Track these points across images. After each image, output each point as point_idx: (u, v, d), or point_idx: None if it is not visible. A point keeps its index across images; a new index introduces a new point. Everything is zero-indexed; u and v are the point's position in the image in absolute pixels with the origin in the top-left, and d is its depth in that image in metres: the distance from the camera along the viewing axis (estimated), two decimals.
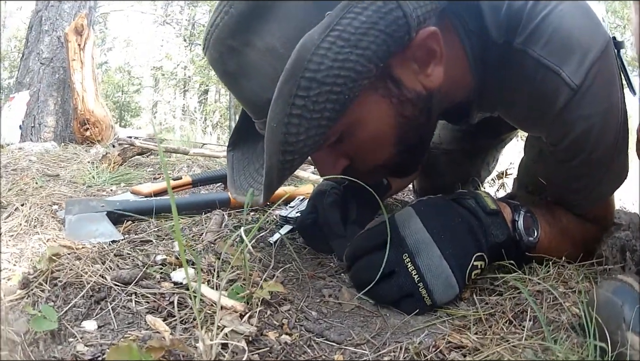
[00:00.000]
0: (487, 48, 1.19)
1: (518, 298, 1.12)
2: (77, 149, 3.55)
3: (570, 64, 1.11)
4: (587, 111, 1.15)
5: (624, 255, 1.28)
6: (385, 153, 1.22)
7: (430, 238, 1.14)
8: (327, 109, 0.98)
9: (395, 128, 1.16)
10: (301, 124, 0.98)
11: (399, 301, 1.14)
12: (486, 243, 1.19)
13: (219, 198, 1.76)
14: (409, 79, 1.12)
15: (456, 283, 1.13)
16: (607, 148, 1.21)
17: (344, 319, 1.10)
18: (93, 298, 0.98)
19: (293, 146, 1.00)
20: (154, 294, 1.02)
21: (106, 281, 1.04)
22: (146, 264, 1.15)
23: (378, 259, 1.13)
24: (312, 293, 1.20)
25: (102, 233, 1.38)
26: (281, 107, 0.97)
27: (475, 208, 1.22)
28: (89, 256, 1.14)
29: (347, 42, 0.94)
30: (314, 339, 0.98)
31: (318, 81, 0.95)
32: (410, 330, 1.06)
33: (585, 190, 1.32)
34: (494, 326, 1.04)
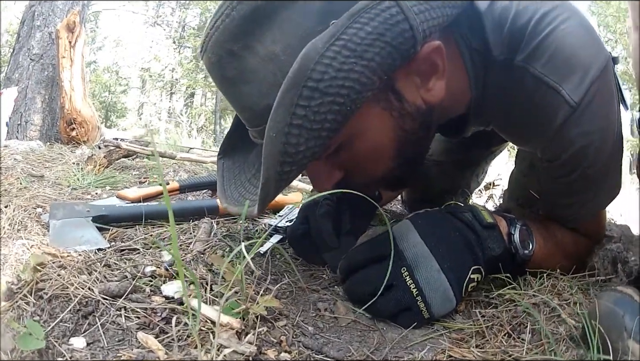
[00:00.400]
0: (488, 65, 1.21)
1: (514, 311, 1.14)
2: (62, 149, 3.49)
3: (571, 82, 1.12)
4: (585, 128, 1.17)
5: (615, 267, 1.32)
6: (382, 166, 1.20)
7: (428, 251, 1.14)
8: (328, 120, 0.96)
9: (395, 141, 1.15)
10: (301, 134, 0.95)
11: (397, 315, 1.13)
12: (483, 256, 1.19)
13: (207, 205, 1.72)
14: (410, 92, 1.11)
15: (454, 297, 1.13)
16: (603, 164, 1.24)
17: (341, 334, 1.08)
18: (80, 313, 0.94)
19: (292, 157, 0.97)
20: (145, 309, 0.98)
21: (94, 294, 0.99)
22: (135, 276, 1.10)
23: (375, 273, 1.14)
24: (307, 307, 1.17)
25: (88, 240, 1.34)
26: (282, 116, 0.94)
27: (472, 221, 1.22)
28: (75, 266, 1.10)
29: (352, 53, 0.93)
30: (314, 356, 0.96)
31: (320, 90, 0.93)
32: (408, 345, 1.05)
33: (580, 205, 1.34)
34: (493, 340, 1.04)
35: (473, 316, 1.17)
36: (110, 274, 1.12)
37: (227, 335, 0.87)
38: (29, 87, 4.33)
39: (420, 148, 1.27)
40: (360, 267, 1.19)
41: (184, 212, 1.68)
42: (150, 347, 0.85)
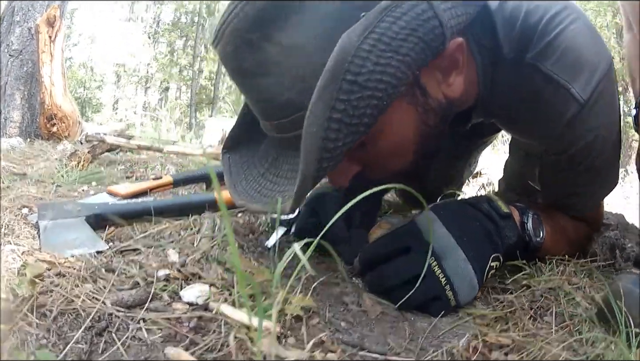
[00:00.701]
0: (497, 62, 1.23)
1: (532, 296, 1.17)
2: (43, 145, 3.41)
3: (579, 81, 1.18)
4: (592, 124, 1.23)
5: (614, 253, 1.42)
6: (402, 161, 1.20)
7: (455, 242, 1.14)
8: (366, 114, 0.94)
9: (418, 136, 1.16)
10: (340, 129, 0.93)
11: (426, 304, 1.12)
12: (502, 244, 1.21)
13: (208, 199, 1.63)
14: (433, 87, 1.13)
15: (477, 284, 1.14)
16: (606, 157, 1.31)
17: (373, 327, 1.03)
18: (94, 330, 0.82)
19: (330, 152, 0.95)
20: (168, 319, 0.88)
21: (105, 307, 0.88)
22: (147, 282, 1.00)
23: (403, 264, 1.13)
24: (332, 301, 1.12)
25: (84, 243, 1.23)
26: (322, 110, 0.92)
27: (490, 211, 1.24)
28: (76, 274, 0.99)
29: (387, 47, 0.93)
30: (357, 353, 0.90)
31: (360, 84, 0.91)
32: (439, 333, 1.03)
33: (584, 195, 1.41)
34: (519, 323, 1.06)
35: (491, 302, 1.20)
36: (119, 281, 1.02)
37: (267, 340, 0.79)
38: (8, 83, 4.21)
39: (437, 142, 1.26)
40: (384, 259, 1.17)
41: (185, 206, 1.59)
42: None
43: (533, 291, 1.19)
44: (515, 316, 1.09)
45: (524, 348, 0.93)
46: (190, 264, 1.12)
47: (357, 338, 0.96)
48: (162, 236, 1.36)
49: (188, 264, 1.12)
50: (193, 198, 1.65)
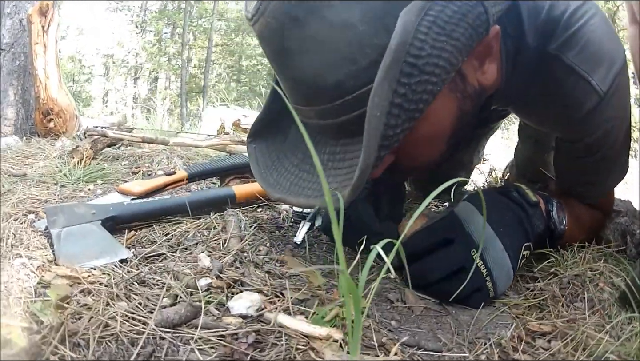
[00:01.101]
0: (521, 51, 1.24)
1: (560, 283, 1.22)
2: (41, 142, 3.29)
3: (599, 73, 1.21)
4: (608, 115, 1.26)
5: (625, 238, 1.44)
6: (437, 149, 1.21)
7: (493, 232, 1.18)
8: (422, 100, 0.94)
9: (454, 123, 1.16)
10: (400, 115, 0.92)
11: (468, 296, 1.15)
12: (532, 233, 1.25)
13: (228, 193, 1.58)
14: (470, 74, 1.12)
15: (513, 274, 1.19)
16: (619, 146, 1.35)
17: (420, 323, 1.07)
18: (140, 356, 0.72)
19: (389, 140, 0.93)
20: (222, 336, 0.79)
21: (147, 328, 0.78)
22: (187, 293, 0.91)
23: (446, 256, 1.17)
24: (376, 299, 1.14)
25: (105, 251, 1.13)
26: (385, 93, 0.89)
27: (520, 200, 1.28)
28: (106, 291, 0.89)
29: (442, 30, 0.92)
30: (416, 352, 0.92)
31: (419, 68, 0.91)
32: (482, 325, 1.07)
33: (598, 183, 1.45)
34: (554, 310, 1.10)
35: (522, 291, 1.25)
36: (155, 295, 0.92)
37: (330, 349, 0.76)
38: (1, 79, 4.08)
39: (469, 131, 1.29)
40: (425, 252, 1.19)
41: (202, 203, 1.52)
42: None
43: (560, 278, 1.23)
44: (549, 304, 1.13)
45: (566, 334, 0.97)
46: (226, 268, 1.06)
47: (409, 336, 0.97)
48: (186, 238, 1.29)
49: (224, 269, 1.05)
50: (213, 193, 1.59)
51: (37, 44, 3.69)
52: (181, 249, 1.21)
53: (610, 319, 1.02)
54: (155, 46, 22.25)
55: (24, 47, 4.02)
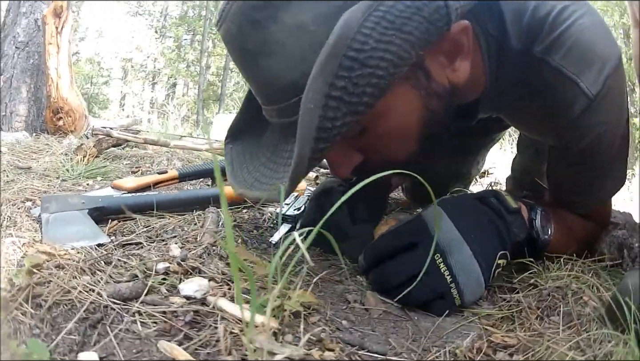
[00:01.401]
0: (505, 53, 1.21)
1: (539, 295, 1.15)
2: (49, 139, 3.37)
3: (589, 75, 1.15)
4: (600, 119, 1.20)
5: (622, 252, 1.38)
6: (405, 149, 1.16)
7: (461, 237, 1.12)
8: (366, 93, 0.91)
9: (421, 122, 1.12)
10: (339, 107, 0.90)
11: (430, 303, 1.11)
12: (509, 241, 1.19)
13: (213, 193, 1.62)
14: (437, 71, 1.10)
15: (484, 282, 1.12)
16: (613, 154, 1.29)
17: (375, 326, 1.02)
18: (88, 321, 0.80)
19: (328, 132, 0.91)
20: (164, 313, 0.86)
21: (101, 299, 0.86)
22: (146, 274, 0.99)
23: (408, 261, 1.11)
24: (335, 299, 1.11)
25: (86, 235, 1.22)
26: (320, 86, 0.88)
27: (498, 206, 1.22)
28: (75, 266, 0.97)
29: (391, 25, 0.90)
30: (357, 352, 0.88)
31: (361, 62, 0.89)
32: (444, 333, 1.02)
33: (590, 192, 1.38)
34: (526, 323, 1.04)
35: (498, 301, 1.18)
36: (117, 273, 1.00)
37: (263, 337, 0.76)
38: (14, 76, 4.18)
39: (442, 132, 1.23)
40: (389, 256, 1.15)
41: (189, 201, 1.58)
42: (176, 357, 0.74)
43: (540, 290, 1.17)
44: (522, 316, 1.07)
45: (529, 349, 0.92)
46: (192, 258, 1.11)
47: (357, 337, 0.94)
48: (165, 231, 1.35)
49: (189, 258, 1.10)
50: (197, 193, 1.65)
51: (51, 44, 3.77)
52: (158, 240, 1.26)
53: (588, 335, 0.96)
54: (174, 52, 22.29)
55: (38, 47, 4.11)
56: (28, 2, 4.28)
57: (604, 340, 0.93)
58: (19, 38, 4.22)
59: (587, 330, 0.98)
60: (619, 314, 0.94)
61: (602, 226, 1.47)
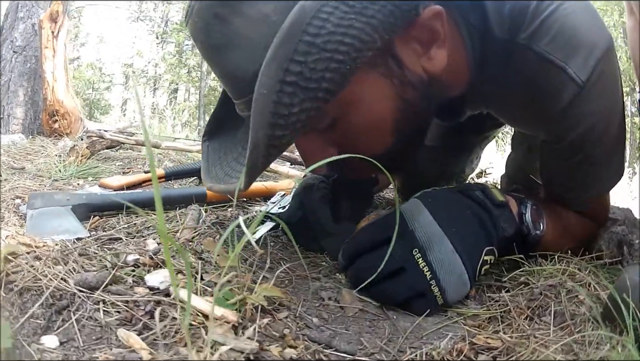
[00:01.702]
0: (488, 43, 1.17)
1: (530, 294, 1.09)
2: (44, 141, 3.42)
3: (577, 61, 1.10)
4: (592, 107, 1.15)
5: (621, 249, 1.31)
6: (381, 142, 1.12)
7: (441, 231, 1.07)
8: (325, 78, 0.88)
9: (395, 113, 1.08)
10: (295, 93, 0.88)
11: (409, 301, 1.06)
12: (496, 236, 1.14)
13: (195, 192, 1.63)
14: (410, 59, 1.06)
15: (468, 280, 1.07)
16: (608, 146, 1.23)
17: (349, 324, 0.99)
18: (54, 307, 0.83)
19: (284, 119, 0.89)
20: (126, 302, 0.87)
21: (69, 286, 0.88)
22: (115, 266, 1.00)
23: (383, 256, 1.04)
24: (308, 297, 1.08)
25: (67, 229, 1.24)
26: (274, 72, 0.87)
27: (484, 199, 1.17)
28: (50, 256, 0.99)
29: (351, 8, 0.87)
30: (322, 351, 0.86)
31: (318, 46, 0.86)
32: (423, 334, 0.97)
33: (585, 186, 1.31)
34: (514, 324, 0.98)
35: (486, 301, 1.13)
36: (89, 264, 1.02)
37: (222, 329, 0.77)
38: (12, 80, 4.21)
39: (420, 125, 1.20)
40: (365, 251, 1.11)
41: (170, 199, 1.59)
42: (132, 346, 0.74)
43: (532, 288, 1.10)
44: (510, 316, 1.02)
45: (514, 351, 0.88)
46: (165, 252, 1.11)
47: (327, 336, 0.91)
48: (146, 227, 1.36)
49: (162, 252, 1.11)
50: (181, 191, 1.66)
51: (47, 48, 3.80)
52: (138, 236, 1.27)
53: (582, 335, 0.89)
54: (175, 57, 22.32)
55: (36, 51, 4.13)
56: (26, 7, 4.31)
57: (600, 341, 0.86)
58: (16, 42, 4.25)
59: (581, 331, 0.92)
60: (617, 313, 0.87)
61: (599, 224, 1.41)
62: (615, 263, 1.30)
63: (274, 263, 1.21)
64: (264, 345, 0.81)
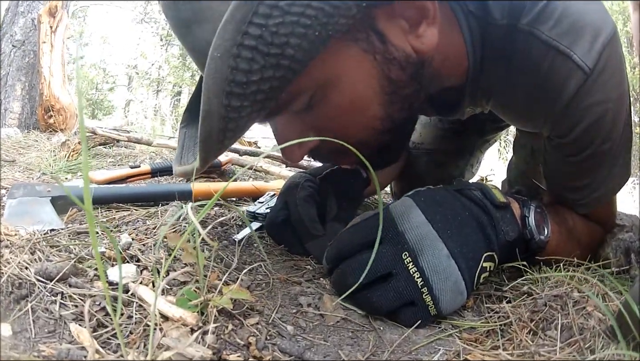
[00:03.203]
0: (488, 31, 1.10)
1: (534, 304, 0.98)
2: (39, 136, 3.40)
3: (582, 46, 1.03)
4: (600, 96, 1.07)
5: (629, 257, 1.23)
6: (369, 127, 1.06)
7: (435, 233, 0.99)
8: (290, 44, 0.80)
9: (380, 94, 1.02)
10: (255, 59, 0.79)
11: (397, 311, 0.97)
12: (497, 240, 1.06)
13: (179, 188, 1.60)
14: (395, 36, 0.99)
15: (465, 289, 0.98)
16: (616, 140, 1.14)
17: (328, 335, 0.91)
18: (13, 296, 0.79)
19: (242, 87, 0.81)
20: (83, 296, 0.83)
21: (30, 276, 0.85)
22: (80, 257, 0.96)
23: (369, 259, 0.93)
24: (286, 302, 1.01)
25: (42, 220, 1.22)
26: (230, 34, 0.79)
27: (483, 200, 1.10)
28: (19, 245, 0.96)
29: None
30: None
31: (281, 8, 0.77)
32: (413, 347, 0.89)
33: (592, 187, 1.23)
34: (516, 339, 0.89)
35: (484, 312, 1.05)
36: (56, 254, 0.99)
37: (177, 332, 0.72)
38: (10, 74, 4.20)
39: (410, 111, 1.12)
40: (350, 254, 1.02)
41: (152, 195, 1.56)
42: (82, 342, 0.71)
43: (535, 299, 0.99)
44: (512, 330, 0.93)
45: None
46: (138, 248, 1.07)
47: (301, 347, 0.83)
48: (125, 222, 1.33)
49: (132, 247, 1.07)
50: (167, 188, 1.62)
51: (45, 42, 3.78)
52: (115, 230, 1.24)
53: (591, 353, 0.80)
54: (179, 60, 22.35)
55: (34, 46, 4.12)
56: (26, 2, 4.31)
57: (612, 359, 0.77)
58: (15, 37, 4.24)
59: (591, 347, 0.82)
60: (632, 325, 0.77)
61: (606, 229, 1.33)
62: (623, 271, 1.22)
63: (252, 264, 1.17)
64: (223, 354, 0.74)
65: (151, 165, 1.89)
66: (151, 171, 1.88)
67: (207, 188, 1.65)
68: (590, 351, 0.81)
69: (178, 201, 1.51)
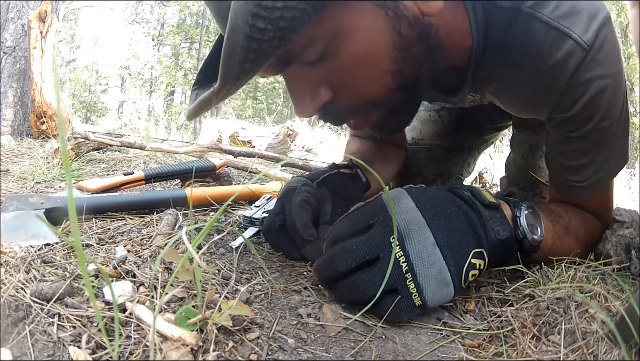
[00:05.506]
0: (492, 12, 1.17)
1: (536, 308, 0.98)
2: (32, 143, 3.39)
3: (580, 25, 1.10)
4: (599, 71, 1.13)
5: (629, 254, 1.23)
6: (380, 83, 1.09)
7: (423, 220, 1.00)
8: None
9: (391, 49, 1.05)
10: None
11: (380, 300, 0.95)
12: (486, 238, 1.06)
13: (174, 195, 1.58)
14: None
15: (451, 281, 0.98)
16: (615, 118, 1.19)
17: (330, 346, 0.89)
18: (10, 318, 0.78)
19: (267, 11, 0.82)
20: (80, 317, 0.82)
21: (26, 296, 0.84)
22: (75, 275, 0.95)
23: (357, 244, 0.98)
24: (286, 313, 0.99)
25: (36, 235, 1.20)
26: None
27: (472, 199, 1.11)
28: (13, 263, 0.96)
29: None
30: None
31: None
32: (415, 356, 0.88)
33: (592, 167, 1.26)
34: (519, 345, 0.89)
35: (487, 316, 1.04)
36: (51, 273, 0.98)
37: (178, 353, 0.71)
38: (1, 81, 4.18)
39: (419, 72, 1.13)
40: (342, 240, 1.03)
41: (146, 203, 1.55)
42: None
43: (538, 302, 0.99)
44: (515, 335, 0.93)
45: None
46: (132, 261, 1.06)
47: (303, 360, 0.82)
48: (120, 233, 1.32)
49: (128, 261, 1.06)
50: (161, 194, 1.61)
51: (35, 48, 3.77)
52: (110, 242, 1.23)
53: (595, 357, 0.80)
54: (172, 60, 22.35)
55: (25, 52, 4.10)
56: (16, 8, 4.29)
57: None
58: (6, 43, 4.22)
59: (594, 352, 0.81)
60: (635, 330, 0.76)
61: (604, 221, 1.35)
62: (624, 268, 1.22)
63: (251, 274, 1.16)
64: None
65: (145, 171, 1.87)
66: (145, 177, 1.86)
67: (202, 193, 1.64)
68: (593, 356, 0.80)
69: (173, 209, 1.50)
